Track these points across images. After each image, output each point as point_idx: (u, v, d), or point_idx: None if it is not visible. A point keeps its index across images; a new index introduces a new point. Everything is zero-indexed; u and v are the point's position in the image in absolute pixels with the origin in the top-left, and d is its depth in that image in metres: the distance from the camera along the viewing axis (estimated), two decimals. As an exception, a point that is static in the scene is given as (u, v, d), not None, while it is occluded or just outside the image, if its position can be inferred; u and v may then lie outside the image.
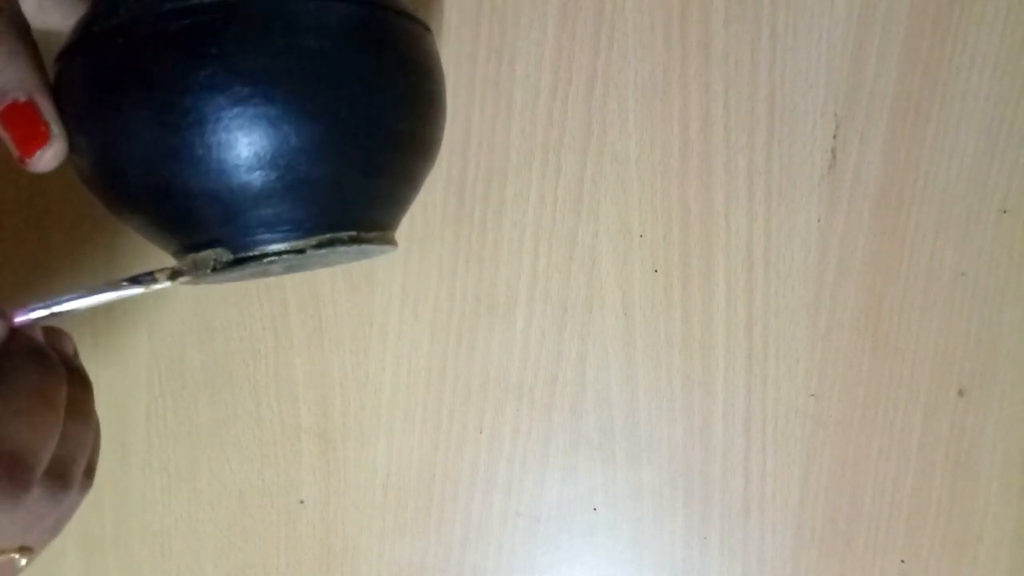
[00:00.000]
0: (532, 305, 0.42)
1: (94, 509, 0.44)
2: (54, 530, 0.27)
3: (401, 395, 0.43)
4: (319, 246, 0.26)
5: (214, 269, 0.27)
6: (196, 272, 0.27)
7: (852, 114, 0.41)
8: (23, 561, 0.26)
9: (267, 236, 0.26)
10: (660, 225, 0.42)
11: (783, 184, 0.41)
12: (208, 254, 0.27)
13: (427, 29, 0.29)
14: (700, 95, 0.41)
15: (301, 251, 0.26)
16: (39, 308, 0.27)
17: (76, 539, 0.44)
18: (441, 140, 0.30)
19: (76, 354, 0.31)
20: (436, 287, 0.42)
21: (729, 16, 0.40)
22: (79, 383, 0.28)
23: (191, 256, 0.27)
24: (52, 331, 0.30)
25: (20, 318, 0.27)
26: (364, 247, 0.28)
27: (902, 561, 0.43)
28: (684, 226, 0.42)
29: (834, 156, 0.41)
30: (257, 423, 0.43)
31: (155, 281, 0.28)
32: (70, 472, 0.27)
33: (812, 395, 0.42)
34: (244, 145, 0.24)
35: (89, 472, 0.28)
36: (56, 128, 0.25)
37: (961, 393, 0.42)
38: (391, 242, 0.29)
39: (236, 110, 0.24)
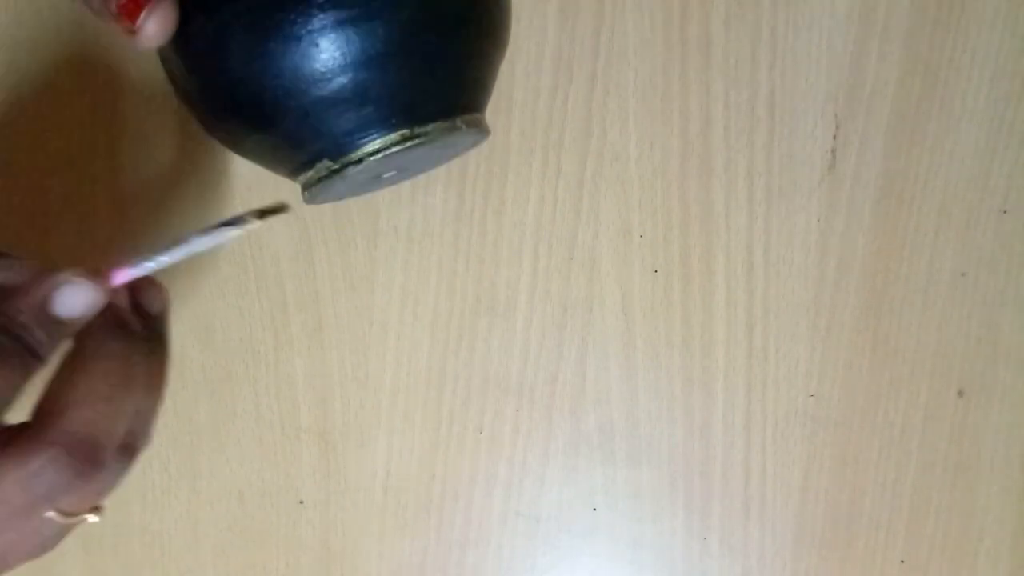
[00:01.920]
0: (532, 305, 0.42)
1: (94, 509, 0.44)
2: (115, 487, 0.28)
3: (401, 395, 0.43)
4: (412, 138, 0.28)
5: (321, 180, 0.28)
6: (308, 189, 0.28)
7: (852, 114, 0.41)
8: (96, 518, 0.27)
9: (363, 138, 0.28)
10: (660, 225, 0.42)
11: (783, 184, 0.41)
12: (315, 169, 0.28)
13: None
14: (700, 95, 0.41)
15: (398, 144, 0.28)
16: (139, 264, 0.26)
17: (76, 539, 0.44)
18: (511, 22, 0.32)
19: (165, 312, 0.30)
20: (436, 287, 0.42)
21: (729, 16, 0.40)
22: (158, 351, 0.28)
23: (301, 175, 0.28)
24: (147, 285, 0.29)
25: (120, 277, 0.25)
26: (455, 136, 0.29)
27: (902, 561, 0.43)
28: (684, 226, 0.42)
29: (834, 156, 0.41)
30: (257, 423, 0.43)
31: (246, 222, 0.27)
32: (138, 442, 0.27)
33: (812, 395, 0.42)
34: (328, 50, 0.26)
35: (147, 439, 0.29)
36: None
37: (961, 393, 0.42)
38: (482, 127, 0.31)
39: (317, 17, 0.26)
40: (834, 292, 0.42)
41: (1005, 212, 0.41)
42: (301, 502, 0.44)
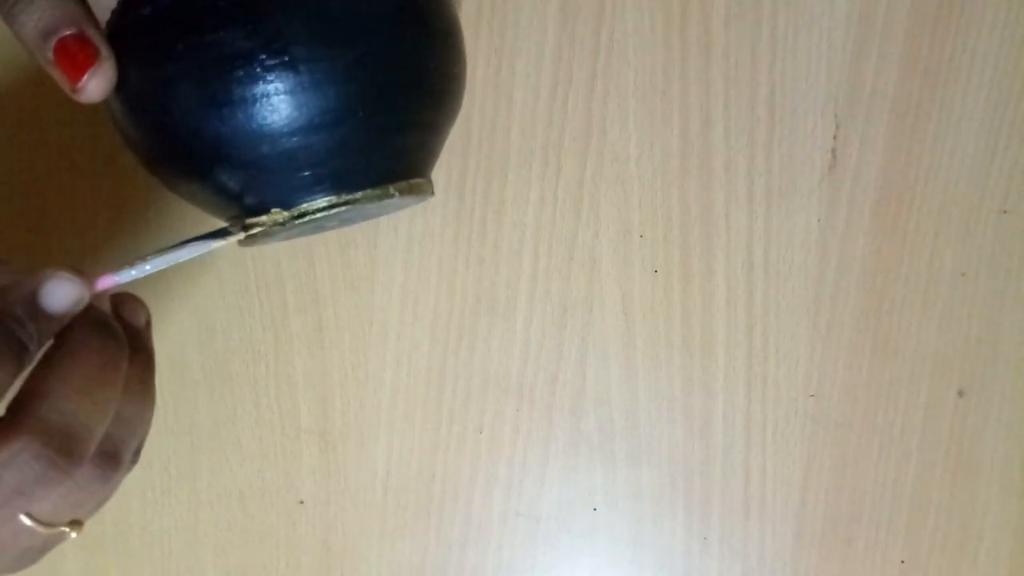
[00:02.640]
0: (532, 305, 0.42)
1: (94, 509, 0.44)
2: (100, 504, 0.27)
3: (401, 395, 0.43)
4: (363, 200, 0.28)
5: (268, 231, 0.28)
6: (251, 234, 0.28)
7: (852, 114, 0.41)
8: (73, 534, 0.26)
9: (312, 194, 0.28)
10: (660, 225, 0.42)
11: (783, 184, 0.41)
12: (262, 218, 0.28)
13: None
14: (700, 95, 0.41)
15: (347, 204, 0.28)
16: (122, 272, 0.26)
17: (76, 539, 0.44)
18: (462, 90, 0.32)
19: (148, 325, 0.30)
20: (436, 287, 0.42)
21: (729, 16, 0.40)
22: (142, 361, 0.28)
23: (244, 220, 0.28)
24: (125, 299, 0.29)
25: (104, 282, 0.26)
26: (388, 201, 0.29)
27: (902, 561, 0.43)
28: (684, 226, 0.42)
29: (834, 156, 0.41)
30: (257, 423, 0.43)
31: (230, 234, 0.28)
32: (121, 451, 0.27)
33: (812, 395, 0.42)
34: (282, 109, 0.26)
35: (137, 451, 0.28)
36: (104, 51, 0.26)
37: (961, 393, 0.42)
38: (417, 192, 0.31)
39: (272, 77, 0.25)
40: (834, 292, 0.42)
41: (1005, 212, 0.41)
42: (301, 502, 0.44)
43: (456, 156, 0.41)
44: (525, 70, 0.41)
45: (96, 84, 0.26)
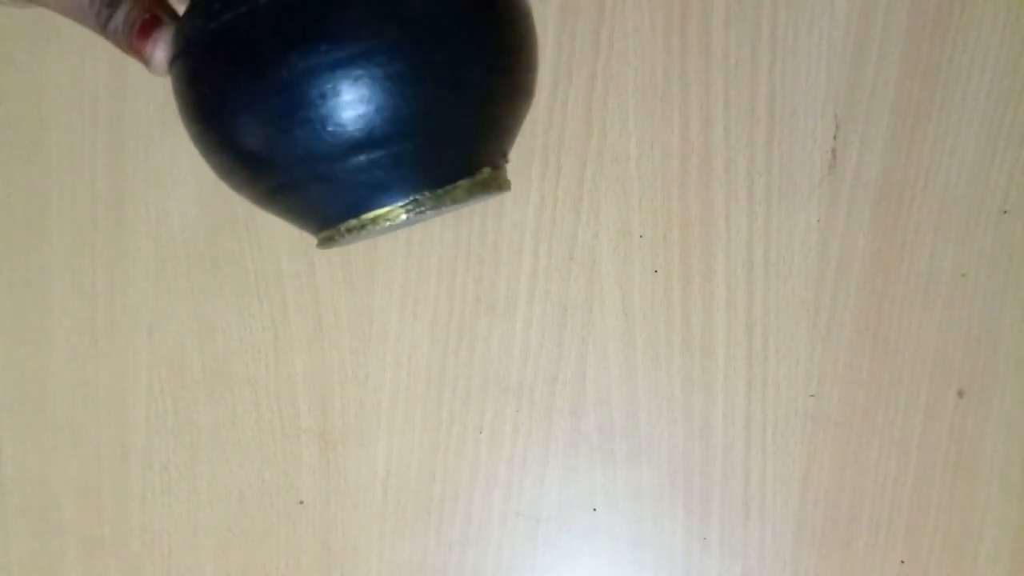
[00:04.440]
0: (532, 305, 0.42)
1: (94, 509, 0.44)
2: None
3: (401, 395, 0.43)
4: (446, 196, 0.28)
5: (342, 238, 0.28)
6: (326, 244, 0.29)
7: (852, 114, 0.41)
8: None
9: (384, 200, 0.28)
10: (660, 225, 0.42)
11: (783, 184, 0.41)
12: (331, 231, 0.28)
13: None
14: (700, 95, 0.41)
15: (430, 203, 0.28)
16: None
17: (76, 539, 0.44)
18: (536, 79, 0.31)
19: None
20: (436, 287, 0.42)
21: (729, 16, 0.40)
22: None
23: (323, 233, 0.29)
24: None
25: None
26: (476, 195, 0.30)
27: (902, 561, 0.43)
28: (684, 226, 0.41)
29: (834, 156, 0.41)
30: (257, 423, 0.43)
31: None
32: None
33: (812, 395, 0.42)
34: (350, 123, 0.26)
35: None
36: (168, 20, 0.28)
37: (961, 393, 0.42)
38: (495, 187, 0.31)
39: (344, 86, 0.25)
40: (834, 292, 0.42)
41: (1005, 212, 0.41)
42: (301, 502, 0.44)
43: (456, 156, 0.41)
44: (525, 70, 0.41)
45: (164, 53, 0.28)
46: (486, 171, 0.30)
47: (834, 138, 0.41)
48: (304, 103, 0.25)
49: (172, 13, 0.29)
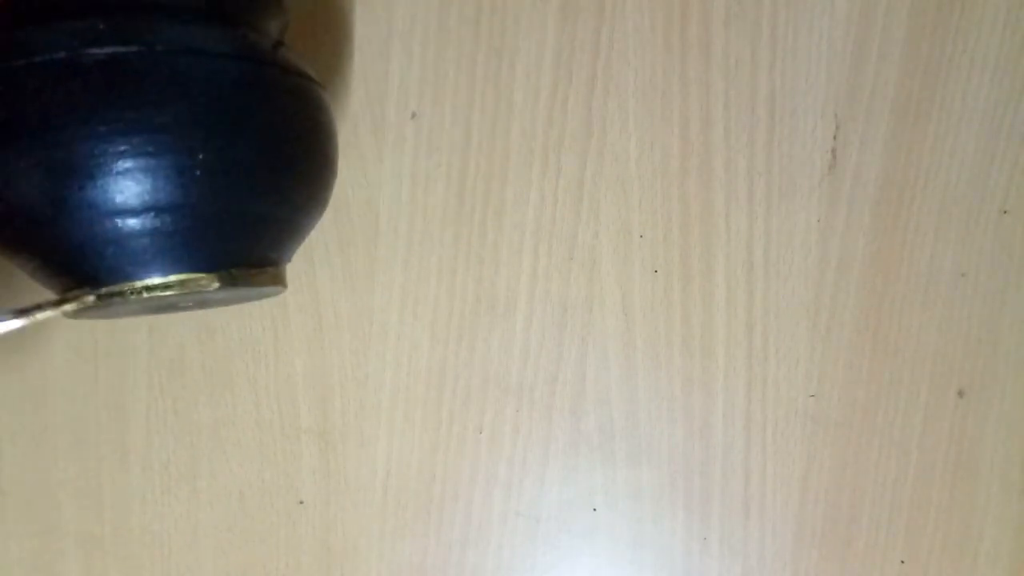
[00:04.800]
0: (532, 305, 0.42)
1: (94, 509, 0.44)
2: None
3: (401, 395, 0.43)
4: (193, 283, 0.27)
5: (83, 306, 0.27)
6: (67, 308, 0.27)
7: (852, 114, 0.41)
8: None
9: (142, 274, 0.27)
10: (660, 225, 0.42)
11: (783, 184, 0.41)
12: (80, 291, 0.27)
13: (320, 87, 0.30)
14: (700, 95, 0.41)
15: (174, 286, 0.27)
16: None
17: (76, 539, 0.44)
18: (326, 196, 0.31)
19: None
20: (436, 287, 0.42)
21: (729, 16, 0.40)
22: None
23: (70, 292, 0.27)
24: None
25: None
26: (244, 286, 0.29)
27: (902, 561, 0.43)
28: (684, 226, 0.42)
29: (834, 156, 0.41)
30: (257, 423, 0.43)
31: (40, 310, 0.27)
32: None
33: (812, 395, 0.42)
34: (123, 196, 0.25)
35: None
36: None
37: (961, 394, 0.42)
38: (270, 281, 0.30)
39: (118, 159, 0.25)
40: (834, 292, 0.42)
41: (1005, 212, 0.41)
42: (301, 502, 0.44)
43: (456, 156, 0.41)
44: (525, 70, 0.41)
45: None
46: (269, 269, 0.30)
47: (834, 138, 0.41)
48: (84, 161, 0.25)
49: None
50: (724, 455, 0.43)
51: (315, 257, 0.42)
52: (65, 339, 0.43)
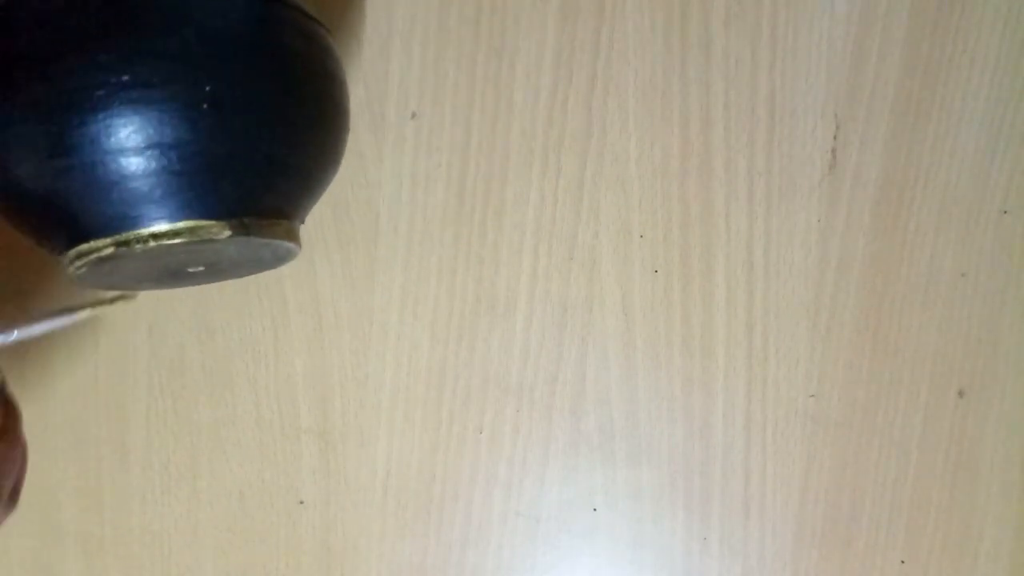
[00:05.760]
0: (532, 305, 0.42)
1: (94, 509, 0.44)
2: None
3: (401, 395, 0.43)
4: (204, 230, 0.26)
5: (98, 259, 0.26)
6: (79, 264, 0.26)
7: (852, 114, 0.41)
8: None
9: (150, 222, 0.26)
10: (660, 225, 0.42)
11: (783, 184, 0.41)
12: (90, 245, 0.26)
13: (325, 28, 0.29)
14: (700, 95, 0.41)
15: (181, 234, 0.26)
16: None
17: (76, 539, 0.44)
18: (339, 149, 0.30)
19: (4, 383, 0.29)
20: (436, 287, 0.42)
21: (729, 16, 0.40)
22: (9, 409, 0.28)
23: (75, 248, 0.26)
24: None
25: None
26: (251, 239, 0.27)
27: (902, 561, 0.43)
28: (684, 226, 0.42)
29: (834, 156, 0.41)
30: (257, 423, 0.43)
31: (86, 308, 0.27)
32: None
33: (812, 395, 0.42)
34: (127, 132, 0.24)
35: (13, 495, 0.28)
36: None
37: (961, 394, 0.42)
38: (285, 235, 0.29)
39: (119, 90, 0.24)
40: (834, 292, 0.42)
41: (1005, 212, 0.41)
42: (301, 502, 0.44)
43: (456, 156, 0.41)
44: (525, 70, 0.41)
45: None
46: (296, 222, 0.29)
47: (834, 138, 0.41)
48: (82, 100, 0.24)
49: None
50: (724, 455, 0.43)
51: (315, 257, 0.42)
52: (65, 339, 0.43)
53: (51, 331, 0.26)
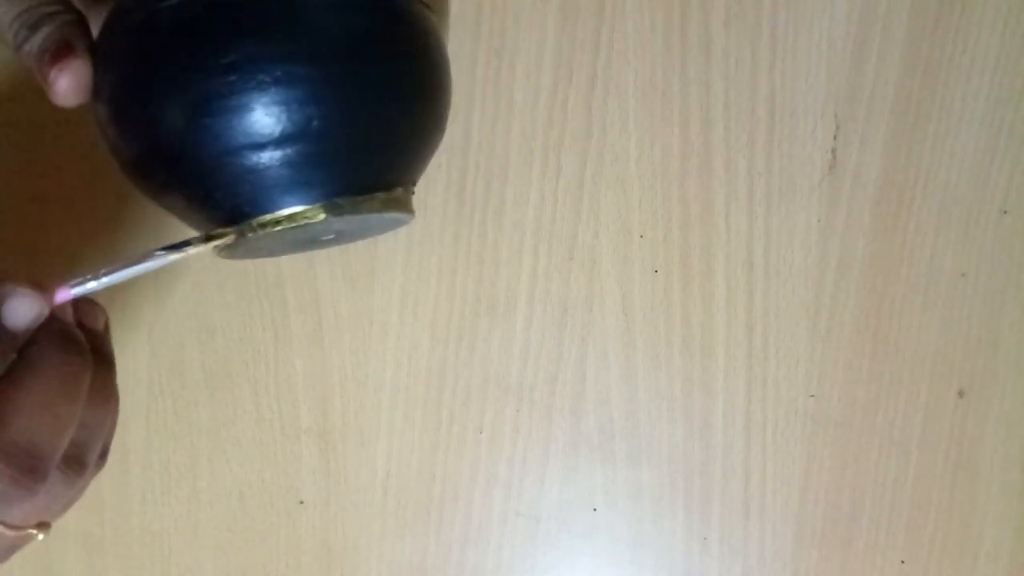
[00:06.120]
0: (532, 305, 0.42)
1: (94, 509, 0.44)
2: (68, 506, 0.28)
3: (401, 395, 0.43)
4: (333, 209, 0.28)
5: (238, 241, 0.28)
6: (220, 244, 0.28)
7: (852, 114, 0.41)
8: (41, 536, 0.27)
9: (281, 204, 0.28)
10: (660, 225, 0.42)
11: (783, 184, 0.41)
12: (248, 224, 0.28)
13: (429, 9, 0.31)
14: (700, 95, 0.41)
15: (319, 214, 0.28)
16: (81, 282, 0.26)
17: (76, 539, 0.44)
18: (448, 113, 0.32)
19: (107, 329, 0.30)
20: (436, 287, 0.42)
21: (729, 16, 0.40)
22: (104, 366, 0.29)
23: (218, 230, 0.28)
24: (85, 304, 0.29)
25: (62, 295, 0.26)
26: (378, 214, 0.29)
27: (902, 561, 0.43)
28: (684, 226, 0.41)
29: (834, 156, 0.41)
30: (257, 423, 0.43)
31: (190, 245, 0.28)
32: (86, 456, 0.27)
33: (812, 395, 0.42)
34: (264, 118, 0.26)
35: (104, 453, 0.29)
36: (79, 51, 0.28)
37: (961, 394, 0.42)
38: (406, 206, 0.31)
39: (270, 88, 0.26)
40: (834, 292, 0.42)
41: (1005, 212, 0.41)
42: (301, 502, 0.44)
43: (456, 156, 0.41)
44: (525, 70, 0.41)
45: (67, 82, 0.27)
46: (399, 190, 0.30)
47: (834, 138, 0.41)
48: (236, 90, 0.26)
49: (91, 46, 0.29)
50: (724, 455, 0.43)
51: (315, 257, 0.42)
52: (65, 339, 0.43)
53: (137, 274, 0.27)
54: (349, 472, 0.43)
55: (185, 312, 0.43)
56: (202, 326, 0.43)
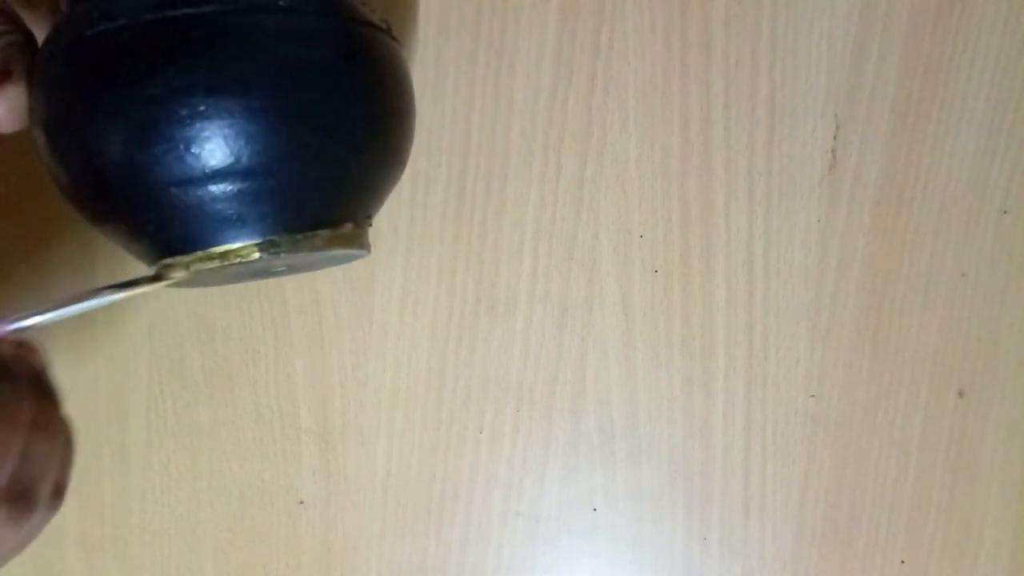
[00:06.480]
0: (532, 305, 0.42)
1: (94, 509, 0.44)
2: (16, 550, 0.27)
3: (401, 395, 0.43)
4: (268, 247, 0.27)
5: (187, 274, 0.27)
6: (169, 275, 0.27)
7: (852, 114, 0.41)
8: None
9: (218, 241, 0.27)
10: (660, 225, 0.42)
11: (783, 184, 0.41)
12: (179, 259, 0.27)
13: (396, 41, 0.30)
14: (700, 95, 0.41)
15: (268, 248, 0.27)
16: (20, 318, 0.26)
17: (76, 539, 0.44)
18: (409, 148, 0.31)
19: (46, 368, 0.29)
20: (436, 287, 0.42)
21: (729, 16, 0.40)
22: (45, 399, 0.28)
23: (163, 261, 0.27)
24: (21, 344, 0.28)
25: (1, 330, 0.26)
26: (322, 252, 0.28)
27: (902, 561, 0.43)
28: (684, 226, 0.41)
29: (834, 156, 0.41)
30: (257, 423, 0.43)
31: (138, 285, 0.27)
32: (33, 492, 0.26)
33: (812, 395, 0.42)
34: (213, 151, 0.25)
35: (58, 491, 0.28)
36: (16, 77, 0.26)
37: (961, 394, 0.42)
38: (358, 242, 0.30)
39: (207, 119, 0.25)
40: (834, 292, 0.42)
41: (1005, 212, 0.41)
42: (301, 502, 0.44)
43: (456, 156, 0.41)
44: (525, 70, 0.41)
45: (1, 109, 0.26)
46: (348, 227, 0.29)
47: (834, 138, 0.41)
48: (172, 120, 0.24)
49: (30, 69, 0.27)
50: (724, 455, 0.43)
51: (315, 257, 0.42)
52: (66, 339, 0.43)
53: (78, 313, 0.27)
54: (349, 472, 0.43)
55: (185, 312, 0.43)
56: (202, 326, 0.43)
